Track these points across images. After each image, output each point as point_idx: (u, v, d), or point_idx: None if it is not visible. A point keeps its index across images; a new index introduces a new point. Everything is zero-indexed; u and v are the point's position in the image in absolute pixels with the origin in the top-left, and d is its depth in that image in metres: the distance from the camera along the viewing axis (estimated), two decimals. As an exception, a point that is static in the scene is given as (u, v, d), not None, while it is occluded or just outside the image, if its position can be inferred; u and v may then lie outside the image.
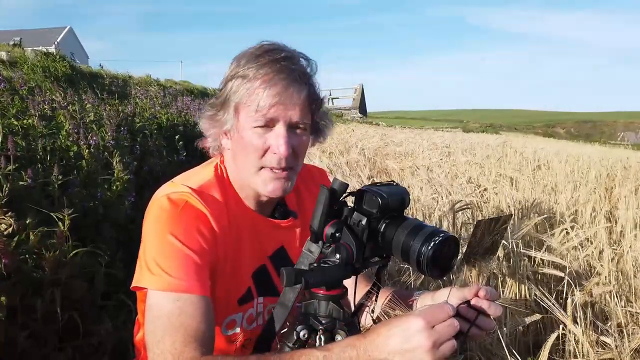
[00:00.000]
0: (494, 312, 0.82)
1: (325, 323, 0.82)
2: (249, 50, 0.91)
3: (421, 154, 5.99)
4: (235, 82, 0.89)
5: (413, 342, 0.67)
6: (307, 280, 0.75)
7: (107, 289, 1.85)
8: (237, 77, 0.88)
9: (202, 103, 7.95)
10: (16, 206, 1.76)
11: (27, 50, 8.54)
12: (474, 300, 0.82)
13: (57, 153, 2.44)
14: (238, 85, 0.88)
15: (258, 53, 0.89)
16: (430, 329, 0.67)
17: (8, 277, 1.42)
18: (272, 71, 0.86)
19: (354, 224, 0.81)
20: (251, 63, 0.88)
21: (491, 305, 0.82)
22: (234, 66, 0.91)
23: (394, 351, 0.67)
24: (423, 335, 0.67)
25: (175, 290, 0.82)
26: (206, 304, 0.83)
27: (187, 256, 0.85)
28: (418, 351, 0.66)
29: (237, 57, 0.92)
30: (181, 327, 0.78)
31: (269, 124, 0.89)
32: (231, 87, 0.89)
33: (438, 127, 26.80)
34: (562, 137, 42.03)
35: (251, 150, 0.90)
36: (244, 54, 0.91)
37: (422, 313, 0.69)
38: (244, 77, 0.87)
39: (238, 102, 0.89)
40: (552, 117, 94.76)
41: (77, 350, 1.62)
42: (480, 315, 0.81)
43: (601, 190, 3.22)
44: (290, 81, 0.87)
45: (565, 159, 6.05)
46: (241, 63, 0.89)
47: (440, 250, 0.75)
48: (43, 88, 4.60)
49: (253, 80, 0.87)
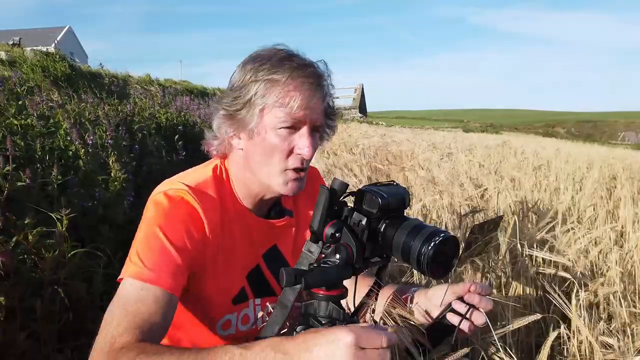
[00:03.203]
0: (485, 307, 0.86)
1: (325, 323, 0.81)
2: (266, 53, 0.93)
3: (421, 154, 5.99)
4: (261, 84, 0.90)
5: (336, 356, 0.61)
6: (307, 280, 0.74)
7: (106, 289, 1.84)
8: (264, 80, 0.90)
9: (201, 103, 7.96)
10: (15, 206, 1.75)
11: (27, 50, 8.54)
12: (467, 295, 0.86)
13: (55, 153, 2.44)
14: (266, 88, 0.90)
15: (282, 56, 0.92)
16: (359, 350, 0.62)
17: (7, 277, 1.42)
18: (302, 76, 0.90)
19: (354, 224, 0.80)
20: (278, 67, 0.90)
21: (482, 299, 0.86)
22: (253, 69, 0.92)
23: None
24: (349, 352, 0.61)
25: (143, 280, 0.82)
26: (169, 301, 0.83)
27: (167, 251, 0.86)
28: None
29: (254, 60, 0.93)
30: (133, 313, 0.79)
31: (295, 125, 0.91)
32: (256, 90, 0.91)
33: (438, 127, 26.85)
34: (563, 137, 42.09)
35: (277, 151, 0.92)
36: (263, 58, 0.92)
37: (356, 330, 0.63)
38: (273, 81, 0.90)
39: (265, 104, 0.90)
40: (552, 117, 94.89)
41: (76, 351, 1.62)
42: (472, 310, 0.85)
43: (604, 190, 3.22)
44: (317, 86, 0.92)
45: (566, 158, 6.05)
46: (264, 67, 0.91)
47: (441, 250, 0.75)
48: (42, 88, 4.59)
49: (285, 85, 0.89)
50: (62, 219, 1.65)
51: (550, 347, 1.18)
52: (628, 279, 1.59)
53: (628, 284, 1.57)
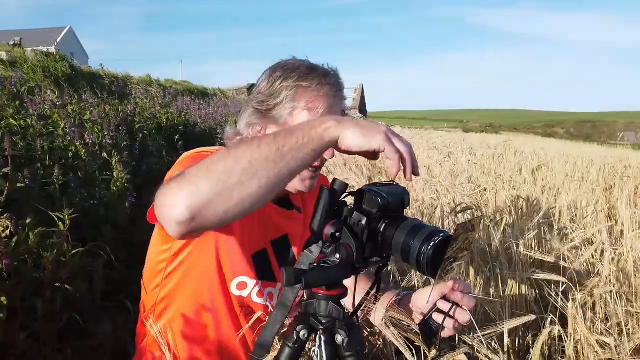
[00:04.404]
0: (468, 304, 0.89)
1: (325, 323, 0.82)
2: (293, 63, 1.04)
3: (421, 154, 6.00)
4: (292, 90, 1.01)
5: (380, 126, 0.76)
6: (307, 280, 0.75)
7: (107, 289, 1.85)
8: (294, 86, 1.01)
9: (202, 103, 7.96)
10: (16, 206, 1.76)
11: (27, 50, 8.54)
12: (450, 294, 0.89)
13: (56, 153, 2.44)
14: (296, 93, 1.00)
15: (308, 66, 1.03)
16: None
17: (8, 277, 1.42)
18: (328, 84, 1.01)
19: (354, 224, 0.81)
20: (306, 76, 1.01)
21: (464, 297, 0.89)
22: (283, 76, 1.02)
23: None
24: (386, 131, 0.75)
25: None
26: None
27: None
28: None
29: (283, 69, 1.03)
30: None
31: None
32: (287, 95, 1.01)
33: (438, 127, 26.82)
34: (562, 137, 42.02)
35: None
36: (291, 67, 1.03)
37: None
38: (302, 87, 1.00)
39: (295, 107, 1.01)
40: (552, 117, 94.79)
41: (76, 351, 1.62)
42: (456, 308, 0.88)
43: (601, 189, 3.22)
44: (339, 94, 1.04)
45: (565, 159, 6.06)
46: (293, 75, 1.01)
47: (441, 250, 0.75)
48: (43, 88, 4.59)
49: (313, 91, 1.00)
50: (63, 219, 1.66)
51: (548, 347, 1.19)
52: (624, 279, 1.59)
53: (624, 283, 1.57)
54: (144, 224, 0.99)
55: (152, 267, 1.07)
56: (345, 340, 0.80)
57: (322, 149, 0.74)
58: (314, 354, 0.81)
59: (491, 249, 1.69)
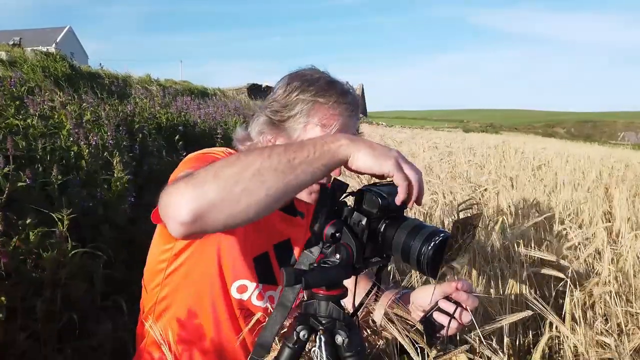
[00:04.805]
0: (471, 304, 0.88)
1: (325, 323, 0.82)
2: (311, 75, 1.03)
3: (422, 154, 5.99)
4: (308, 104, 1.00)
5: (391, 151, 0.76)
6: (307, 280, 0.75)
7: (107, 289, 1.85)
8: (310, 101, 1.00)
9: (201, 103, 7.95)
10: (16, 206, 1.76)
11: (27, 50, 8.53)
12: (454, 293, 0.88)
13: (57, 153, 2.44)
14: (311, 108, 1.00)
15: (327, 81, 1.02)
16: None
17: (8, 277, 1.42)
18: (344, 103, 1.00)
19: (354, 224, 0.81)
20: (324, 92, 1.00)
21: (469, 297, 0.88)
22: (301, 89, 1.01)
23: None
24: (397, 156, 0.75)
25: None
26: None
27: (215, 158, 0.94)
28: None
29: (301, 80, 1.02)
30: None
31: None
32: (302, 108, 1.00)
33: (438, 127, 26.82)
34: (562, 137, 42.02)
35: None
36: (310, 79, 1.02)
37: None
38: (319, 103, 1.00)
39: (309, 122, 1.00)
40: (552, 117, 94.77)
41: (76, 351, 1.62)
42: (459, 309, 0.87)
43: (601, 189, 3.22)
44: (354, 114, 1.03)
45: (566, 159, 6.05)
46: (310, 88, 1.00)
47: (441, 250, 0.75)
48: (43, 88, 4.59)
49: (329, 109, 0.99)
50: (63, 219, 1.66)
51: (548, 348, 1.19)
52: (623, 279, 1.59)
53: (623, 283, 1.57)
54: (144, 223, 0.99)
55: (153, 267, 1.07)
56: (345, 341, 0.80)
57: (333, 165, 0.74)
58: (314, 354, 0.81)
59: (491, 248, 1.69)
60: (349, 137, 0.75)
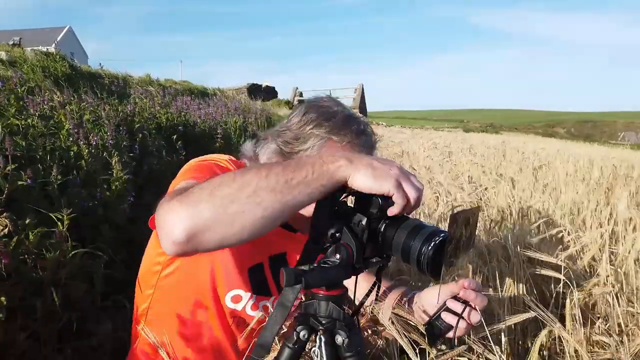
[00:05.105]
0: (480, 304, 0.87)
1: (325, 323, 0.82)
2: (329, 108, 1.01)
3: (422, 154, 5.99)
4: (320, 141, 0.99)
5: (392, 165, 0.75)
6: (307, 280, 0.75)
7: (107, 289, 1.85)
8: (323, 137, 0.98)
9: (201, 103, 7.95)
10: (15, 206, 1.76)
11: (27, 50, 8.53)
12: (462, 292, 0.87)
13: (57, 153, 2.44)
14: (323, 145, 0.98)
15: (343, 118, 1.00)
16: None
17: (8, 277, 1.42)
18: (359, 145, 0.99)
19: (354, 224, 0.81)
20: (339, 130, 0.98)
21: (477, 296, 0.86)
22: (316, 123, 0.99)
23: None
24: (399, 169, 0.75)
25: (197, 179, 0.86)
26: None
27: (214, 168, 0.94)
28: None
29: (318, 113, 1.00)
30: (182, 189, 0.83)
31: None
32: (314, 144, 0.99)
33: (438, 127, 26.82)
34: (563, 137, 42.01)
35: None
36: (326, 114, 1.00)
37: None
38: (332, 141, 0.98)
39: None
40: (552, 117, 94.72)
41: (76, 351, 1.62)
42: (468, 308, 0.85)
43: (602, 190, 3.22)
44: (370, 154, 1.01)
45: (566, 159, 6.05)
46: (325, 124, 0.98)
47: (441, 250, 0.75)
48: (43, 88, 4.59)
49: (342, 149, 0.97)
50: (62, 219, 1.66)
51: (547, 348, 1.19)
52: (624, 279, 1.59)
53: (623, 284, 1.57)
54: (144, 223, 0.99)
55: (148, 268, 1.06)
56: (345, 341, 0.80)
57: (332, 186, 0.73)
58: (314, 354, 0.81)
59: (491, 248, 1.69)
60: (347, 157, 0.74)
